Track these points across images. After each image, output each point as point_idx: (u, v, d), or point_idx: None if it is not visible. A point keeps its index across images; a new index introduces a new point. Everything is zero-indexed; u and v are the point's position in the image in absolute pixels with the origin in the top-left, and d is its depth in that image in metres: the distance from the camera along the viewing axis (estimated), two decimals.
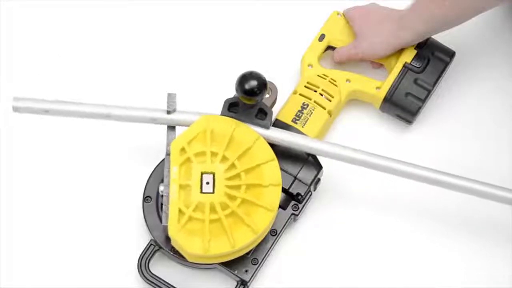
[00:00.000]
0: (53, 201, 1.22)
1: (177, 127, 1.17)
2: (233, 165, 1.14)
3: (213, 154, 1.14)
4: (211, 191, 1.13)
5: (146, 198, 1.18)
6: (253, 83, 1.13)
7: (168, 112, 1.16)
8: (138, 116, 1.16)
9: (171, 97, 1.17)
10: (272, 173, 1.14)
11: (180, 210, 1.11)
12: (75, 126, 1.27)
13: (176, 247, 1.14)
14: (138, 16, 1.35)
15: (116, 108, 1.16)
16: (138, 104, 1.24)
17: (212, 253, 1.11)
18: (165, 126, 1.17)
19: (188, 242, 1.10)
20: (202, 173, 1.13)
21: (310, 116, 1.23)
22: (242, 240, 1.11)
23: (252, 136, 1.15)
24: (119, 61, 1.32)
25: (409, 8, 1.22)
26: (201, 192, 1.12)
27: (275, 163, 1.15)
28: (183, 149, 1.13)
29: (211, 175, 1.13)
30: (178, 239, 1.10)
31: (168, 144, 1.15)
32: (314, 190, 1.22)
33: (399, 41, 1.24)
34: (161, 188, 1.13)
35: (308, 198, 1.20)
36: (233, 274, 1.16)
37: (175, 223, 1.10)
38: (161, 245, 1.16)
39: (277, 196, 1.13)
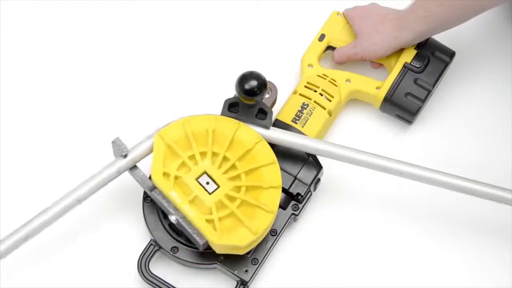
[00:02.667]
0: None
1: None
2: (214, 154, 1.15)
3: (191, 157, 1.14)
4: (216, 186, 1.13)
5: (146, 198, 1.18)
6: (253, 83, 1.13)
7: (125, 156, 1.15)
8: (103, 179, 1.14)
9: (116, 143, 1.13)
10: (247, 135, 1.15)
11: (207, 220, 1.11)
12: (73, 129, 1.27)
13: (225, 251, 1.13)
14: (137, 15, 1.35)
15: (80, 189, 1.13)
16: (139, 106, 1.26)
17: (261, 231, 1.11)
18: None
19: (236, 238, 1.11)
20: (196, 179, 1.13)
21: (310, 116, 1.23)
22: (273, 201, 1.13)
23: (207, 121, 1.16)
24: (118, 60, 1.32)
25: (409, 8, 1.22)
26: (210, 193, 1.13)
27: (244, 127, 1.16)
28: (165, 174, 1.13)
29: (205, 175, 1.14)
30: (226, 242, 1.10)
31: (141, 182, 1.14)
32: (314, 190, 1.22)
33: (399, 41, 1.24)
34: (173, 218, 1.13)
35: (308, 198, 1.20)
36: (233, 274, 1.16)
37: (212, 233, 1.10)
38: (161, 245, 1.16)
39: (268, 149, 1.15)
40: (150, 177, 1.16)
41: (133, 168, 1.16)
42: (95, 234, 1.21)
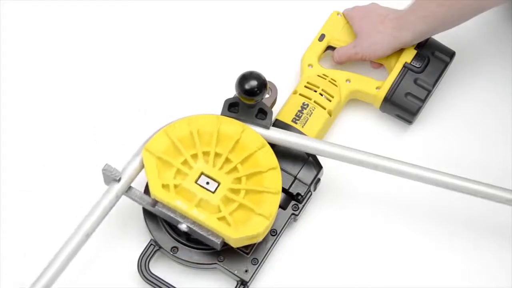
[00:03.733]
0: (54, 205, 1.22)
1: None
2: (205, 153, 1.15)
3: (184, 163, 1.14)
4: (217, 183, 1.13)
5: None
6: (253, 83, 1.14)
7: (119, 180, 1.13)
8: (105, 206, 1.12)
9: (108, 170, 1.12)
10: (231, 126, 1.16)
11: (218, 218, 1.11)
12: (73, 129, 1.27)
13: (243, 243, 1.13)
14: (137, 15, 1.35)
15: (86, 223, 1.12)
16: (139, 106, 1.25)
17: (273, 214, 1.12)
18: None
19: (252, 227, 1.11)
20: (196, 182, 1.13)
21: (310, 116, 1.23)
22: (276, 181, 1.13)
23: (187, 124, 1.15)
24: (118, 60, 1.32)
25: (409, 8, 1.22)
26: (213, 192, 1.13)
27: (226, 119, 1.16)
28: (163, 186, 1.12)
29: (203, 175, 1.14)
30: (243, 234, 1.10)
31: (141, 201, 1.14)
32: (314, 190, 1.22)
33: (399, 41, 1.24)
34: (183, 226, 1.12)
35: (308, 198, 1.20)
36: (233, 274, 1.16)
37: (227, 229, 1.10)
38: (161, 245, 1.16)
39: (255, 134, 1.15)
40: (145, 192, 1.16)
41: (128, 189, 1.15)
42: (95, 234, 1.20)
